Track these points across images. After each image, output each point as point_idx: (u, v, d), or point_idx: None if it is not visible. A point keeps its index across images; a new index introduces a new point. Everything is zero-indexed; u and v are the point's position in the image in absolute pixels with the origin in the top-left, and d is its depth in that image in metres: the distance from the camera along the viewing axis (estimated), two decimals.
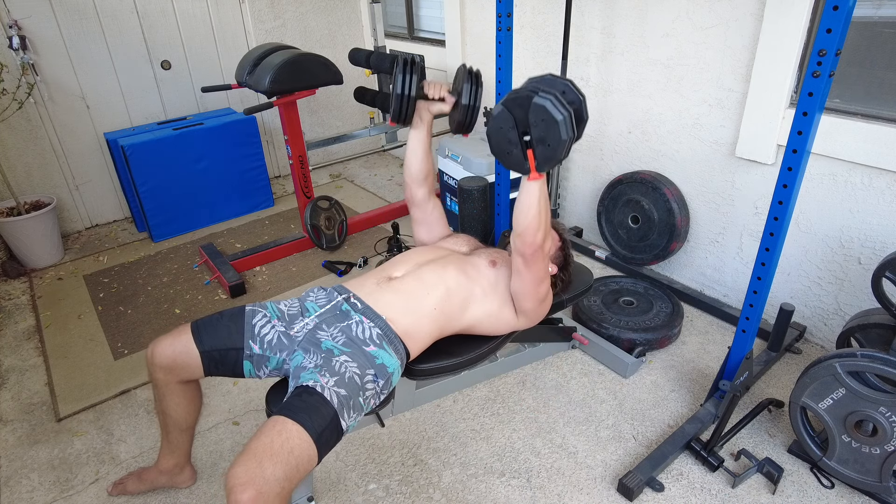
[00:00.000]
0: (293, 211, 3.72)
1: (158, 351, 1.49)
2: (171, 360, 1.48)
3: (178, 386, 1.55)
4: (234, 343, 1.48)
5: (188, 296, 2.83)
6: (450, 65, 3.66)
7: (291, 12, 3.92)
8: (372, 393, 1.38)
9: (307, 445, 1.20)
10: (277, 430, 1.19)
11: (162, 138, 3.19)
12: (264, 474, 1.13)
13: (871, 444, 1.56)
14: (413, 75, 1.61)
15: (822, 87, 1.39)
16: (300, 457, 1.18)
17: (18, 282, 3.05)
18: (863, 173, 1.97)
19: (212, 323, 1.51)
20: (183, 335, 1.49)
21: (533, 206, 1.40)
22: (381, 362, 1.40)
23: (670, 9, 2.32)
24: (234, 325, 1.50)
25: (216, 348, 1.47)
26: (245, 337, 1.48)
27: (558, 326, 2.21)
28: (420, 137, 1.76)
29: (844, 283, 2.14)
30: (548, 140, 1.30)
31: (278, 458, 1.15)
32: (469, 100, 1.63)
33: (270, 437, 1.18)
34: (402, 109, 1.64)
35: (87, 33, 3.23)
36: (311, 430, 1.21)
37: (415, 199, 1.83)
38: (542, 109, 1.28)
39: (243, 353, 1.48)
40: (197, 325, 1.51)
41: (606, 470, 1.80)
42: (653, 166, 2.64)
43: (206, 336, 1.48)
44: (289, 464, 1.16)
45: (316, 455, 1.22)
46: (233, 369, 1.50)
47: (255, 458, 1.15)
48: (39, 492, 1.81)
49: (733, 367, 1.87)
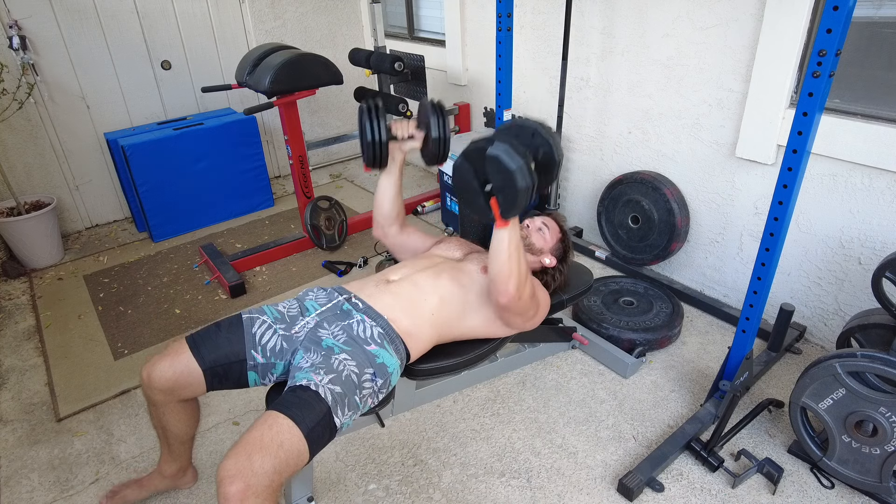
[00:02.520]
0: (293, 211, 3.72)
1: (157, 374, 1.42)
2: (171, 381, 1.42)
3: (177, 405, 1.50)
4: (236, 355, 1.44)
5: (188, 296, 2.83)
6: (450, 65, 3.66)
7: (291, 12, 3.92)
8: (369, 392, 1.37)
9: (297, 440, 1.19)
10: (268, 425, 1.19)
11: (162, 138, 3.19)
12: (253, 467, 1.12)
13: (871, 445, 1.56)
14: (380, 119, 1.58)
15: (822, 87, 1.39)
16: (290, 451, 1.18)
17: (18, 282, 3.05)
18: (863, 173, 1.97)
19: (209, 336, 1.46)
20: (182, 353, 1.42)
21: (502, 251, 1.38)
22: (382, 361, 1.40)
23: (670, 9, 2.32)
24: (234, 336, 1.45)
25: (219, 363, 1.43)
26: (247, 347, 1.44)
27: (558, 326, 2.21)
28: (393, 179, 1.76)
29: (844, 283, 2.14)
30: (506, 189, 1.30)
31: (268, 451, 1.15)
32: (438, 132, 1.63)
33: (261, 431, 1.18)
34: (377, 155, 1.62)
35: (88, 33, 3.23)
36: (302, 425, 1.20)
37: (388, 235, 1.83)
38: (495, 160, 1.28)
39: (247, 364, 1.44)
40: (194, 340, 1.45)
41: (606, 470, 1.80)
42: (653, 166, 2.64)
43: (205, 351, 1.43)
44: (278, 457, 1.15)
45: (307, 450, 1.21)
46: (237, 381, 1.46)
47: (245, 451, 1.15)
48: (39, 492, 1.81)
49: (733, 367, 1.87)
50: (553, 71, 2.96)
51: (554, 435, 1.93)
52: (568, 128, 2.97)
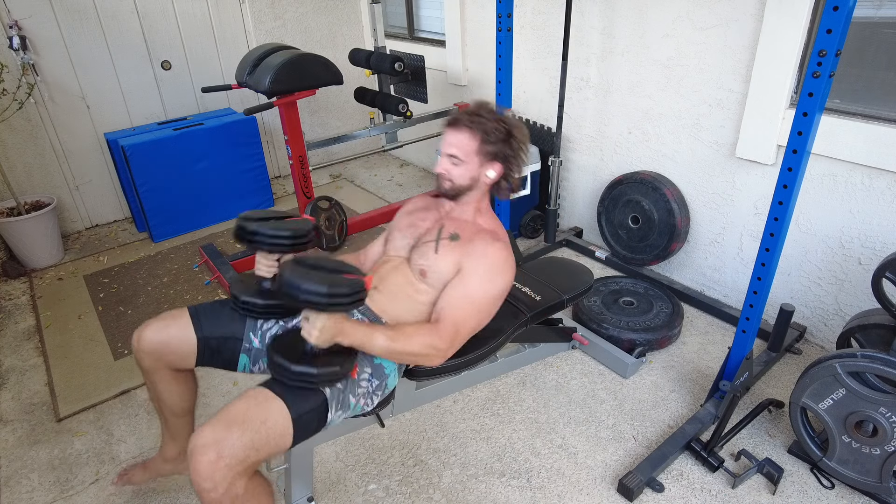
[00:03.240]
0: (293, 211, 3.71)
1: (147, 335, 1.40)
2: (161, 343, 1.40)
3: (168, 372, 1.48)
4: (234, 332, 1.43)
5: (188, 296, 2.83)
6: (450, 65, 3.66)
7: (291, 12, 3.92)
8: (364, 392, 1.35)
9: (283, 421, 1.15)
10: (257, 400, 1.16)
11: (162, 138, 3.19)
12: (230, 437, 1.08)
13: (871, 445, 1.56)
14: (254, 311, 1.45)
15: (823, 87, 1.39)
16: (273, 429, 1.14)
17: (18, 282, 3.05)
18: (863, 174, 1.97)
19: (214, 309, 1.45)
20: (179, 318, 1.42)
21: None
22: (380, 362, 1.39)
23: (670, 9, 2.32)
24: (237, 315, 1.45)
25: (215, 335, 1.42)
26: (246, 329, 1.44)
27: (558, 327, 2.21)
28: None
29: (844, 283, 2.14)
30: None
31: (248, 425, 1.11)
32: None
33: (247, 405, 1.15)
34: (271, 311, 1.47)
35: (88, 33, 3.23)
36: (293, 409, 1.17)
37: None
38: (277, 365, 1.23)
39: (242, 344, 1.43)
40: (196, 310, 1.44)
41: (606, 470, 1.80)
42: (653, 166, 2.64)
43: (205, 322, 1.42)
44: (258, 432, 1.11)
45: (291, 434, 1.18)
46: (227, 360, 1.45)
47: (224, 421, 1.11)
48: (39, 492, 1.81)
49: (733, 367, 1.86)
50: (553, 71, 2.96)
51: (554, 435, 1.93)
52: (568, 128, 2.97)
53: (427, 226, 1.54)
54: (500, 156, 1.46)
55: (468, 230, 1.48)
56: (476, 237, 1.46)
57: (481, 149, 1.44)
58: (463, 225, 1.50)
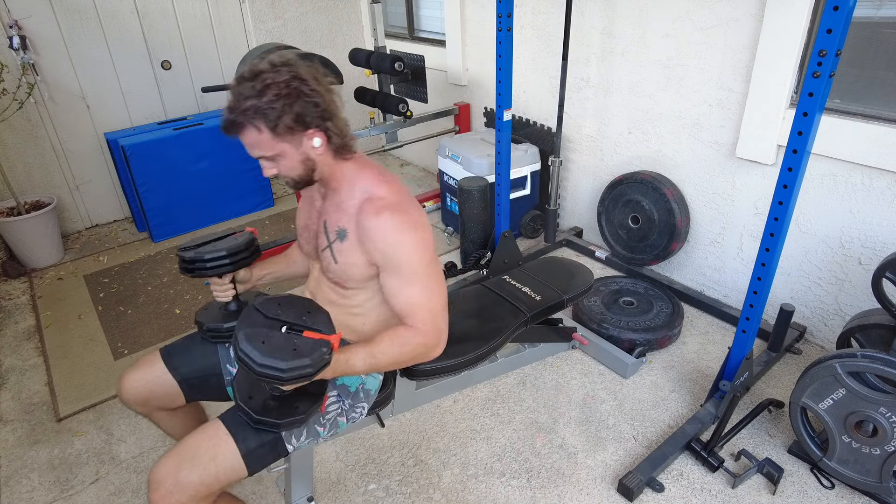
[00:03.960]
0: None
1: (127, 387, 1.39)
2: (144, 392, 1.39)
3: (164, 413, 1.47)
4: (212, 369, 1.42)
5: (188, 296, 2.83)
6: (450, 65, 3.66)
7: (292, 12, 3.92)
8: (336, 412, 1.31)
9: (233, 458, 1.18)
10: (208, 436, 1.18)
11: (162, 138, 3.19)
12: (178, 476, 1.13)
13: (871, 445, 1.56)
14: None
15: (823, 87, 1.39)
16: (222, 465, 1.17)
17: (18, 282, 3.05)
18: (863, 174, 1.97)
19: (185, 347, 1.44)
20: (154, 365, 1.40)
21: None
22: (342, 382, 1.34)
23: (670, 9, 2.32)
24: (209, 349, 1.44)
25: (193, 374, 1.41)
26: (222, 362, 1.42)
27: (558, 327, 2.21)
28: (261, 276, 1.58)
29: (844, 283, 2.14)
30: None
31: (197, 462, 1.15)
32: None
33: (198, 441, 1.17)
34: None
35: (88, 33, 3.23)
36: (242, 445, 1.18)
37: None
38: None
39: (223, 379, 1.42)
40: (168, 351, 1.43)
41: (606, 470, 1.80)
42: (653, 166, 2.64)
43: (179, 362, 1.41)
44: (207, 470, 1.15)
45: (243, 468, 1.19)
46: (216, 394, 1.44)
47: (176, 459, 1.15)
48: (39, 492, 1.81)
49: (733, 367, 1.86)
50: (553, 71, 2.96)
51: (554, 435, 1.93)
52: (568, 128, 2.97)
53: (314, 227, 1.38)
54: (302, 120, 1.14)
55: (347, 215, 1.27)
56: (361, 221, 1.23)
57: (277, 132, 1.13)
58: (340, 212, 1.28)
